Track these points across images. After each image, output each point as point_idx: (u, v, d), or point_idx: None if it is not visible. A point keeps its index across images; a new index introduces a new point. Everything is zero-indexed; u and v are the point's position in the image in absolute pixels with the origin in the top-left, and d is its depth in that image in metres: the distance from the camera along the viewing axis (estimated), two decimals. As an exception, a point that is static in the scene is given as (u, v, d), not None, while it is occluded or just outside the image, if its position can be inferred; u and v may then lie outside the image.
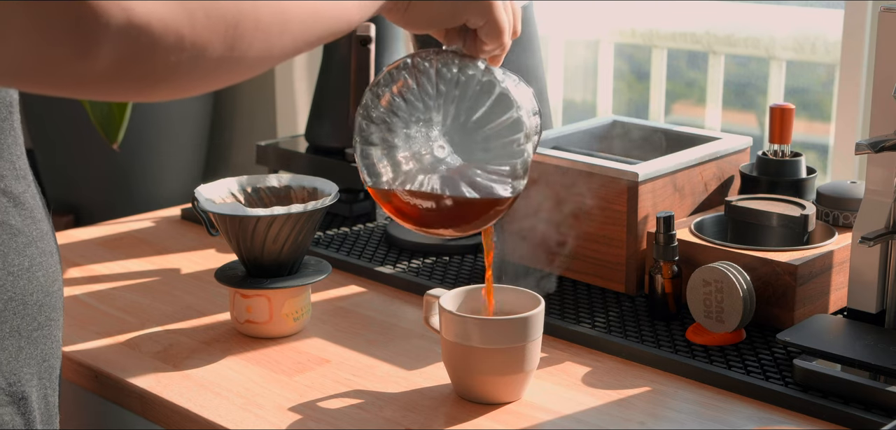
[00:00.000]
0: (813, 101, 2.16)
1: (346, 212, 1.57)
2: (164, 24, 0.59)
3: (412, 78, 0.87)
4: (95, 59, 0.58)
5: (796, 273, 1.13)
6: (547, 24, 2.34)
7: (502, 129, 0.87)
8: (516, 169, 0.87)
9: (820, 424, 1.00)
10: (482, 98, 0.87)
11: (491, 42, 0.88)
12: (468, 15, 0.86)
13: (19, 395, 0.87)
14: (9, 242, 0.87)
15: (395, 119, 0.87)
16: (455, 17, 0.86)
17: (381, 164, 0.87)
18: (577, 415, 1.03)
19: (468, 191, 0.87)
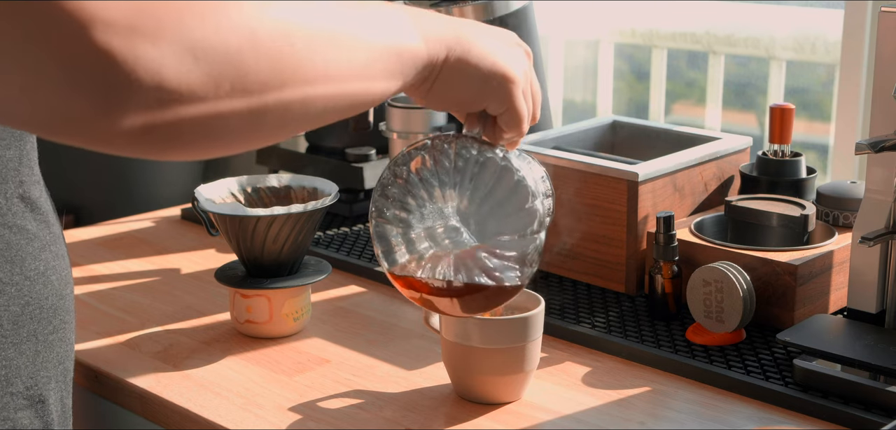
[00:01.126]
0: (813, 101, 2.16)
1: (346, 212, 1.57)
2: (191, 90, 0.59)
3: (430, 157, 0.88)
4: (122, 119, 0.58)
5: (796, 273, 1.13)
6: (547, 24, 2.34)
7: (517, 216, 0.87)
8: (528, 257, 0.88)
9: (820, 424, 1.00)
10: (500, 184, 0.88)
11: (510, 130, 0.89)
12: (489, 101, 0.87)
13: (38, 398, 0.87)
14: (26, 247, 0.88)
15: (409, 198, 0.87)
16: (476, 103, 0.87)
17: (395, 240, 0.88)
18: (577, 415, 1.03)
19: (479, 277, 0.87)
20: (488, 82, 0.85)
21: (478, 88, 0.85)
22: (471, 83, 0.84)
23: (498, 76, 0.85)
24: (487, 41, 0.86)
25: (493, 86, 0.85)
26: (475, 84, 0.85)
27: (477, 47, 0.84)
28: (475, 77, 0.84)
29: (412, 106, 1.42)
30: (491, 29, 0.88)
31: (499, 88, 0.86)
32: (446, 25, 0.83)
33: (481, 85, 0.85)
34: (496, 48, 0.86)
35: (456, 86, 0.84)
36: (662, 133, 1.43)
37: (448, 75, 0.83)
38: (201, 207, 1.22)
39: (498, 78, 0.85)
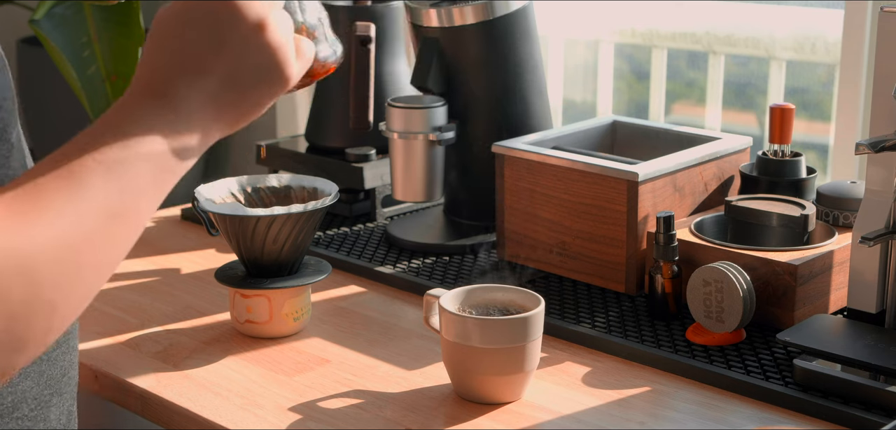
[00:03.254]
0: (813, 101, 2.16)
1: (346, 212, 1.57)
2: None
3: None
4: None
5: (796, 273, 1.13)
6: (547, 24, 2.34)
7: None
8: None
9: (820, 424, 1.00)
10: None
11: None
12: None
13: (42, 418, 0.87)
14: None
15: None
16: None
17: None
18: (577, 415, 1.03)
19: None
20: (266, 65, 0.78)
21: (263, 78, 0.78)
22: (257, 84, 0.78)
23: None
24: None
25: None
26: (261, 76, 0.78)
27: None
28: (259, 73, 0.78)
29: (412, 106, 1.42)
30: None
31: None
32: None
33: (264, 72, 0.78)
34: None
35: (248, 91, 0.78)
36: (662, 133, 1.44)
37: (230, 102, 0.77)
38: (201, 207, 1.22)
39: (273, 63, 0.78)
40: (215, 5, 0.76)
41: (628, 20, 2.29)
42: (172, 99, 0.75)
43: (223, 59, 0.77)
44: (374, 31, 1.45)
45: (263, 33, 0.77)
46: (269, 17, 0.78)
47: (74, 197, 0.69)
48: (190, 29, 0.76)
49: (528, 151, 1.32)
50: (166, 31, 0.77)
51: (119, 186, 0.71)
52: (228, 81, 0.77)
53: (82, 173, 0.70)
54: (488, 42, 1.41)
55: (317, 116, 1.64)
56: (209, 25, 0.76)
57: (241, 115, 0.79)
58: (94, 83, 2.26)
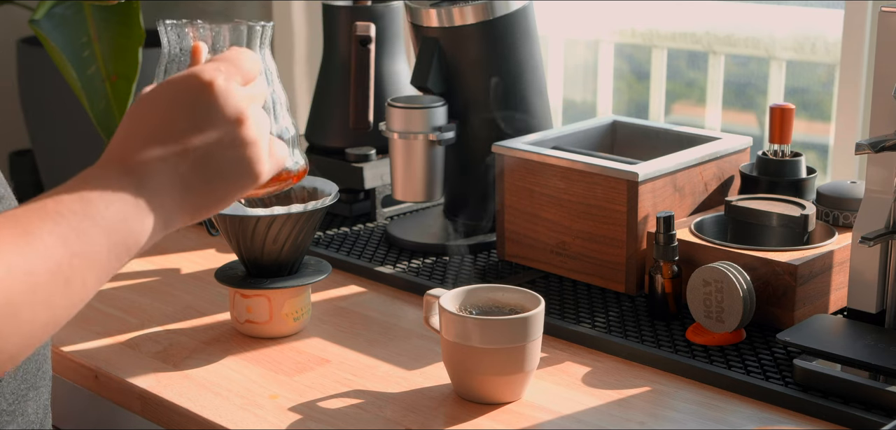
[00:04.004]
0: (813, 101, 2.16)
1: (346, 212, 1.57)
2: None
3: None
4: None
5: (796, 273, 1.13)
6: (547, 24, 2.34)
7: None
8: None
9: (820, 424, 1.00)
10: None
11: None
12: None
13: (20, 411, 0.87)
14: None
15: None
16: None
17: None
18: (577, 415, 1.03)
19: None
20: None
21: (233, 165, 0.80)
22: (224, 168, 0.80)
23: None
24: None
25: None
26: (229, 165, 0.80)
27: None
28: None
29: (412, 106, 1.42)
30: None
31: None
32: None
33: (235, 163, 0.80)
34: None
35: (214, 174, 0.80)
36: (662, 133, 1.44)
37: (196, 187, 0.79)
38: (201, 207, 1.21)
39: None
40: (198, 91, 0.78)
41: (628, 20, 2.29)
42: (141, 176, 0.76)
43: (198, 144, 0.78)
44: (374, 31, 1.45)
45: (241, 127, 0.79)
46: (248, 111, 0.79)
47: (25, 252, 0.70)
48: (171, 109, 0.78)
49: (528, 151, 1.32)
50: (148, 108, 0.79)
51: (71, 252, 0.72)
52: (200, 166, 0.78)
53: (38, 232, 0.71)
54: (488, 42, 1.41)
55: (317, 116, 1.64)
56: (190, 109, 0.78)
57: (205, 205, 0.80)
58: (94, 83, 2.26)
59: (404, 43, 1.67)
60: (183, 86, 0.79)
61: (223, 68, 0.80)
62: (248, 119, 0.80)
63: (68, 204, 0.73)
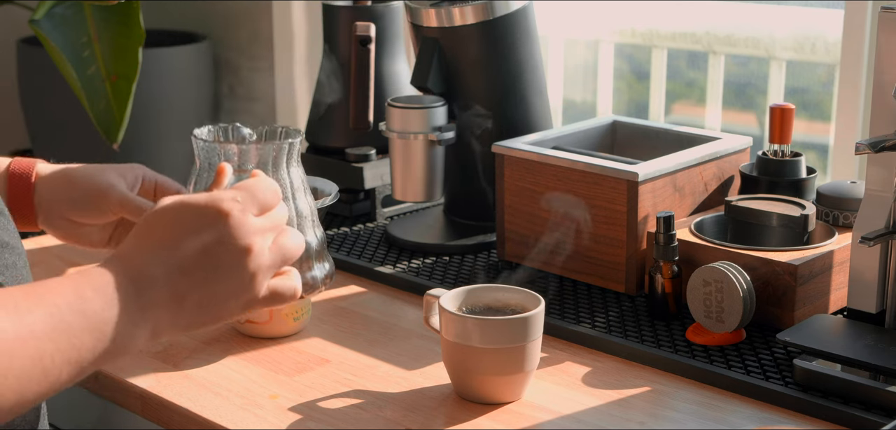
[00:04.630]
0: (813, 101, 2.17)
1: (346, 212, 1.57)
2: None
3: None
4: None
5: (796, 273, 1.13)
6: (547, 24, 2.34)
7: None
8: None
9: (820, 424, 1.00)
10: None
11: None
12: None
13: None
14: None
15: None
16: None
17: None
18: (577, 415, 1.03)
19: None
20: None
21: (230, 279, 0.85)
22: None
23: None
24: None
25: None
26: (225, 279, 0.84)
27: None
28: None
29: (412, 106, 1.42)
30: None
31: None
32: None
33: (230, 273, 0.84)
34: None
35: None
36: (662, 133, 1.44)
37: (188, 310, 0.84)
38: (201, 207, 1.21)
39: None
40: (214, 218, 0.83)
41: (628, 20, 2.29)
42: (142, 286, 0.81)
43: (202, 268, 0.83)
44: (374, 31, 1.45)
45: (246, 257, 0.84)
46: (256, 243, 0.85)
47: (14, 328, 0.74)
48: (185, 230, 0.83)
49: (528, 151, 1.32)
50: (164, 221, 0.84)
51: (56, 347, 0.76)
52: (198, 289, 0.83)
53: (30, 318, 0.75)
54: (488, 42, 1.41)
55: (317, 116, 1.64)
56: (202, 233, 0.83)
57: (196, 324, 0.84)
58: (94, 83, 2.26)
59: (404, 43, 1.67)
60: (201, 210, 0.84)
61: (241, 198, 0.85)
62: (254, 251, 0.84)
63: (66, 297, 0.77)
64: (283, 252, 0.87)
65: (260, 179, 0.88)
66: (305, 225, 0.99)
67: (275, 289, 0.87)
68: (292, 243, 0.88)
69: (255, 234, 0.85)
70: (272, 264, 0.86)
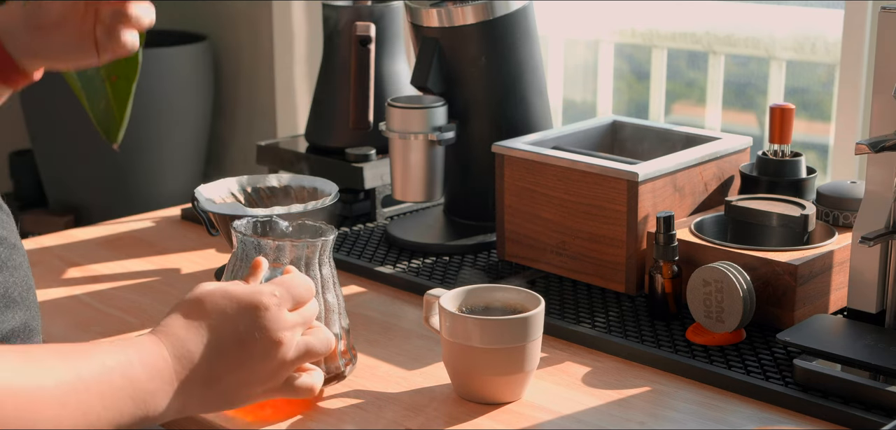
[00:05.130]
0: (813, 101, 2.17)
1: (346, 212, 1.57)
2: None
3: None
4: None
5: (796, 273, 1.13)
6: (547, 24, 2.34)
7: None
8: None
9: (820, 424, 1.00)
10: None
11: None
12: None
13: None
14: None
15: None
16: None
17: None
18: (577, 415, 1.03)
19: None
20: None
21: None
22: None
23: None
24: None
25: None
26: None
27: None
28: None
29: (412, 106, 1.42)
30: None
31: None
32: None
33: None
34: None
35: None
36: (662, 133, 1.44)
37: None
38: (201, 207, 1.22)
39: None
40: (253, 311, 0.91)
41: (628, 20, 2.29)
42: (183, 360, 0.87)
43: (237, 354, 0.90)
44: (374, 31, 1.45)
45: (278, 348, 0.93)
46: (286, 336, 0.93)
47: (70, 376, 0.80)
48: (224, 317, 0.91)
49: (528, 151, 1.32)
50: (207, 305, 0.91)
51: (102, 404, 0.81)
52: (232, 372, 0.91)
53: (83, 370, 0.81)
54: (488, 42, 1.41)
55: (317, 116, 1.64)
56: (241, 323, 0.91)
57: (223, 404, 0.92)
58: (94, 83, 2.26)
59: (404, 43, 1.67)
60: (242, 302, 0.92)
61: (278, 293, 0.93)
62: (284, 344, 0.93)
63: (116, 359, 0.83)
64: (309, 349, 0.95)
65: (296, 277, 0.97)
66: (332, 319, 1.05)
67: (296, 384, 0.96)
68: (319, 342, 0.97)
69: (287, 329, 0.93)
70: (296, 359, 0.95)
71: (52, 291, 1.35)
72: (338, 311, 1.05)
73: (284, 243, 1.02)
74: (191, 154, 2.86)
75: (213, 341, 0.89)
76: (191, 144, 2.85)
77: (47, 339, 1.18)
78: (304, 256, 1.02)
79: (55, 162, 2.84)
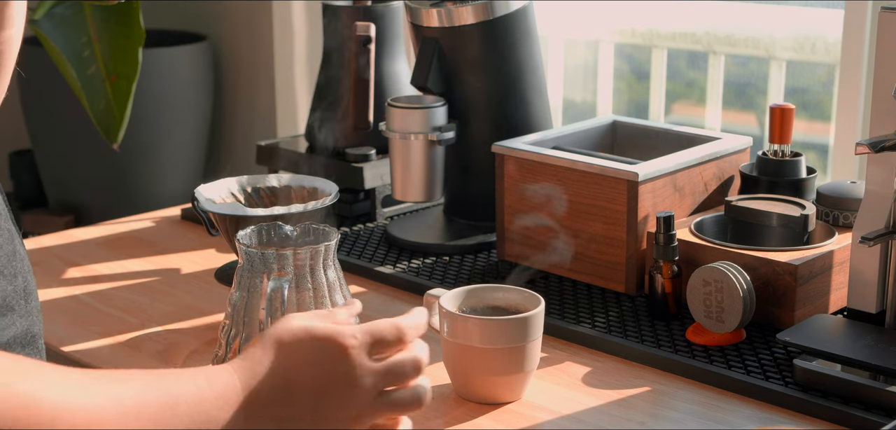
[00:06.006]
0: (813, 101, 2.16)
1: (346, 212, 1.57)
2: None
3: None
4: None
5: (796, 273, 1.13)
6: (547, 24, 2.34)
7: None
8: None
9: (820, 424, 1.00)
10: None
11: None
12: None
13: None
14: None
15: None
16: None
17: None
18: (577, 415, 1.03)
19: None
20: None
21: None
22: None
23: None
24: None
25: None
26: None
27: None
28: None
29: (412, 106, 1.42)
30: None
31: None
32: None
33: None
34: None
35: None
36: (662, 133, 1.44)
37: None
38: (201, 207, 1.22)
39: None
40: (335, 351, 0.84)
41: (628, 20, 2.29)
42: (252, 397, 0.82)
43: (309, 391, 0.84)
44: (374, 31, 1.45)
45: (354, 393, 0.85)
46: (365, 383, 0.85)
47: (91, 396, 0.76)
48: (300, 353, 0.84)
49: (528, 151, 1.32)
50: (285, 340, 0.85)
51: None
52: (301, 414, 0.83)
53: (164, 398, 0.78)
54: (488, 42, 1.41)
55: (317, 116, 1.64)
56: (314, 355, 0.84)
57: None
58: (94, 83, 2.26)
59: (404, 43, 1.67)
60: (321, 342, 0.85)
61: (359, 335, 0.86)
62: (363, 389, 0.85)
63: (187, 387, 0.80)
64: (393, 407, 0.88)
65: (382, 325, 0.88)
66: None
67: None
68: (407, 398, 0.88)
69: (368, 375, 0.86)
70: (375, 413, 0.87)
71: (52, 291, 1.35)
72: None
73: (288, 251, 1.01)
74: (191, 154, 2.86)
75: (286, 384, 0.84)
76: (191, 144, 2.85)
77: (47, 339, 1.18)
78: (309, 262, 1.02)
79: (55, 162, 2.84)
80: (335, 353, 0.84)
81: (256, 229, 1.07)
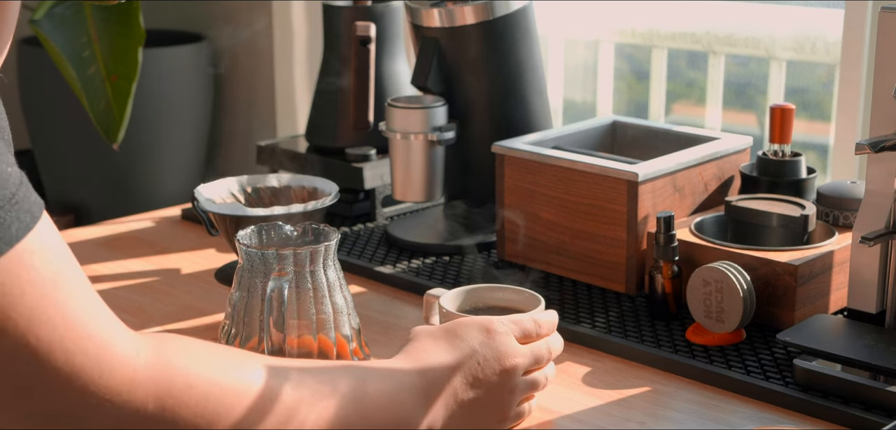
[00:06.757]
0: (813, 101, 2.17)
1: (346, 212, 1.57)
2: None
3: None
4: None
5: (796, 273, 1.13)
6: (547, 24, 2.34)
7: None
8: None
9: (820, 424, 1.00)
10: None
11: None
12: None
13: None
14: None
15: None
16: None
17: None
18: (577, 415, 1.03)
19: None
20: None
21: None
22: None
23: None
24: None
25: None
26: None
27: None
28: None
29: (412, 106, 1.42)
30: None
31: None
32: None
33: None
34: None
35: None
36: (662, 133, 1.44)
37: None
38: (201, 207, 1.22)
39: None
40: (483, 328, 0.96)
41: (628, 20, 2.29)
42: (418, 368, 0.92)
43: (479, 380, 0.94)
44: (374, 31, 1.45)
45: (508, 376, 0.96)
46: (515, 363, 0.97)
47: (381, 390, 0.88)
48: (460, 340, 0.95)
49: (528, 151, 1.32)
50: (455, 331, 0.96)
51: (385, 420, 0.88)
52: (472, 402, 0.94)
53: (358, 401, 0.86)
54: (488, 42, 1.41)
55: (317, 116, 1.64)
56: (473, 340, 0.95)
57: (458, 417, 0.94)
58: (94, 83, 2.26)
59: (404, 43, 1.67)
60: (477, 325, 0.97)
61: (507, 325, 0.98)
62: (516, 369, 0.97)
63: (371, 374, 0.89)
64: (534, 385, 0.99)
65: (524, 317, 1.00)
66: (342, 320, 1.05)
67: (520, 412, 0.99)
68: (541, 382, 1.00)
69: (519, 355, 0.96)
70: (522, 391, 0.97)
71: (52, 291, 1.35)
72: (347, 312, 1.05)
73: (288, 251, 1.02)
74: (191, 154, 2.86)
75: (457, 359, 0.93)
76: (191, 144, 2.85)
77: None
78: (308, 262, 1.02)
79: (55, 162, 2.84)
80: (489, 335, 0.96)
81: (256, 229, 1.07)
